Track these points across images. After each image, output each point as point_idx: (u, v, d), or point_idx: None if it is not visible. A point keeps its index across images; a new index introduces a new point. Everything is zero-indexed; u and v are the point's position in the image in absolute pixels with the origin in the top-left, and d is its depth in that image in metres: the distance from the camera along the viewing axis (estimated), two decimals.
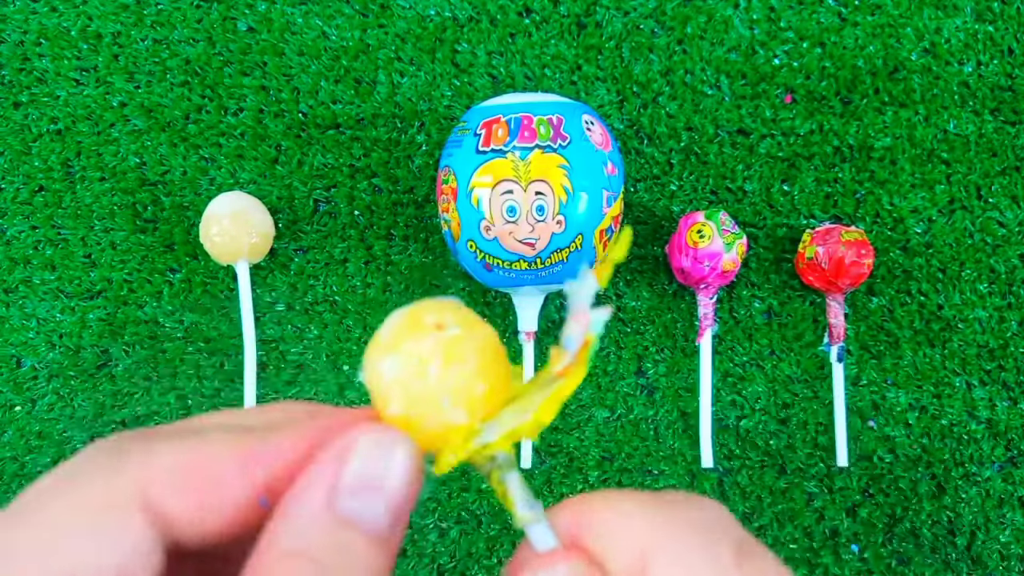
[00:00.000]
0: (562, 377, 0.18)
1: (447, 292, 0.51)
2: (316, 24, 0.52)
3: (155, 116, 0.52)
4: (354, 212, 0.52)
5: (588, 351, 0.18)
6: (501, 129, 0.43)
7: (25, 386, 0.51)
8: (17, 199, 0.52)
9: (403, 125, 0.52)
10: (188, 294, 0.52)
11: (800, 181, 0.51)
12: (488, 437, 0.18)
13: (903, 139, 0.51)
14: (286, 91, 0.52)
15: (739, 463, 0.49)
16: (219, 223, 0.48)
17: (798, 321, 0.50)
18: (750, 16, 0.51)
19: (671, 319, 0.50)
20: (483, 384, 0.18)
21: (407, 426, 0.18)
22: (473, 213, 0.43)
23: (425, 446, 0.18)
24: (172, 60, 0.52)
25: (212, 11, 0.53)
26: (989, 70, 0.51)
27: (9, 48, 0.53)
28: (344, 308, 0.51)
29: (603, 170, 0.44)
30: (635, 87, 0.51)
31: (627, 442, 0.50)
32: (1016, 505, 0.49)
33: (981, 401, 0.49)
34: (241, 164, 0.52)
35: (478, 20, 0.52)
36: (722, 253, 0.46)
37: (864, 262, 0.46)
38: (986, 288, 0.50)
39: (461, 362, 0.17)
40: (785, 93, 0.51)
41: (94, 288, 0.52)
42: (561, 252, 0.43)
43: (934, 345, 0.50)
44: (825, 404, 0.49)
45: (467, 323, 0.18)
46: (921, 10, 0.51)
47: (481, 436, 0.18)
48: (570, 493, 0.50)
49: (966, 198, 0.50)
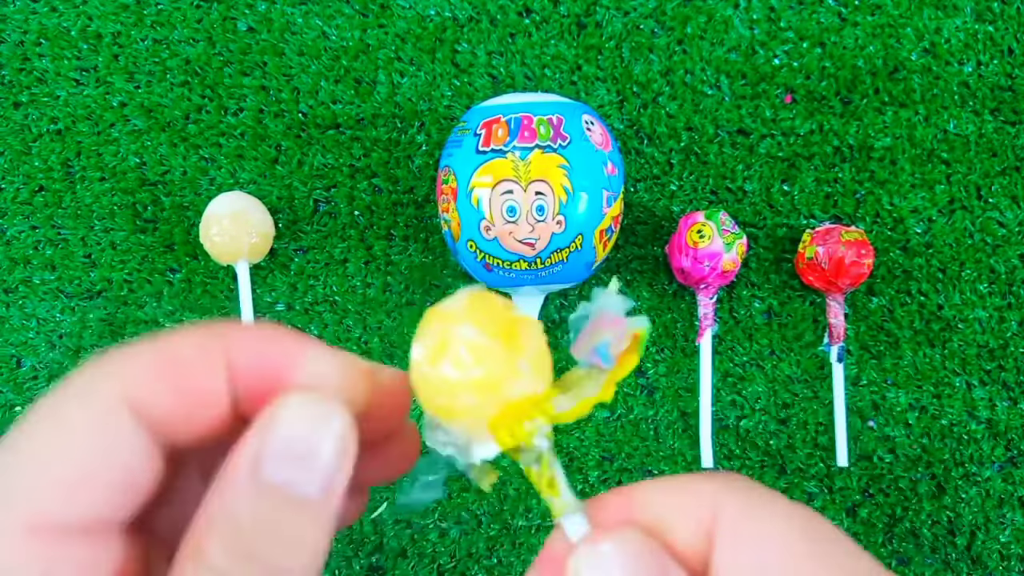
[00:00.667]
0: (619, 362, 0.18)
1: (447, 292, 0.51)
2: (316, 24, 0.52)
3: (155, 116, 0.52)
4: (354, 212, 0.52)
5: (640, 343, 0.18)
6: (501, 129, 0.43)
7: (25, 386, 0.51)
8: (17, 199, 0.52)
9: (403, 125, 0.52)
10: (188, 294, 0.52)
11: (800, 181, 0.51)
12: (562, 407, 0.18)
13: (903, 139, 0.51)
14: (286, 91, 0.52)
15: (739, 463, 0.49)
16: (219, 223, 0.48)
17: (798, 321, 0.50)
18: (750, 16, 0.51)
19: (671, 319, 0.50)
20: (547, 363, 0.19)
21: (484, 392, 0.18)
22: (473, 213, 0.43)
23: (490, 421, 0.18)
24: (172, 60, 0.52)
25: (212, 11, 0.53)
26: (989, 70, 0.51)
27: (9, 48, 0.53)
28: (344, 308, 0.51)
29: (603, 170, 0.44)
30: (635, 87, 0.51)
31: (627, 442, 0.50)
32: (1016, 505, 0.49)
33: (981, 401, 0.49)
34: (241, 164, 0.52)
35: (478, 20, 0.52)
36: (722, 253, 0.46)
37: (864, 262, 0.46)
38: (986, 288, 0.50)
39: (533, 338, 0.18)
40: (785, 93, 0.51)
41: (94, 288, 0.52)
42: (561, 252, 0.43)
43: (934, 345, 0.50)
44: (825, 404, 0.49)
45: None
46: (921, 10, 0.51)
47: (557, 406, 0.18)
48: None
49: (966, 198, 0.50)
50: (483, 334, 0.18)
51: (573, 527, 0.18)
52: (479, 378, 0.18)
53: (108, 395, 0.16)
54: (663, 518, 0.17)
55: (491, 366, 0.18)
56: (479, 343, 0.18)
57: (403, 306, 0.51)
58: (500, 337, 0.18)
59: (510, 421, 0.18)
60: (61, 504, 0.15)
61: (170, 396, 0.17)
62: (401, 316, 0.51)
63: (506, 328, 0.18)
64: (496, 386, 0.18)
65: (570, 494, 0.18)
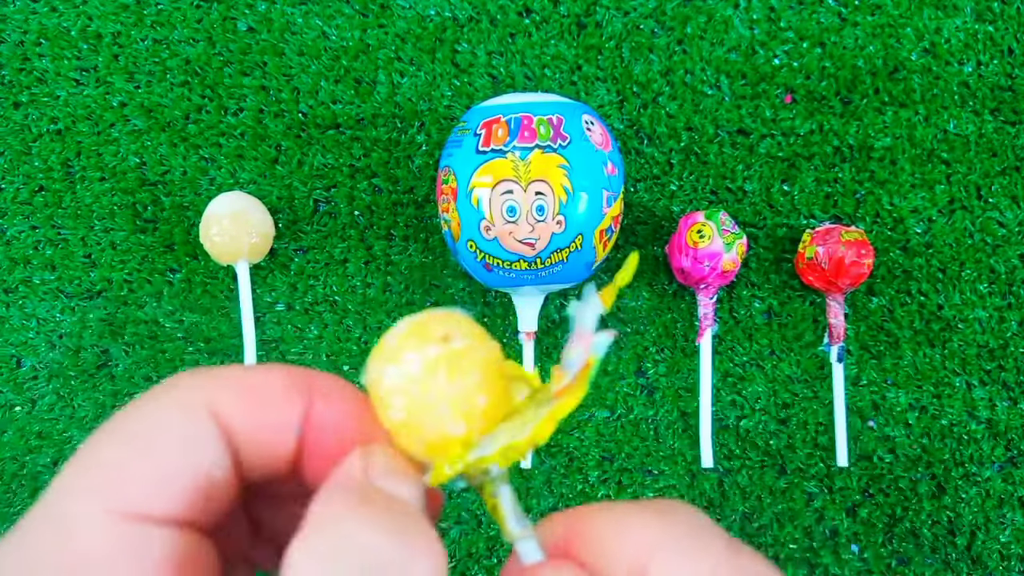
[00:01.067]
0: (561, 397, 0.18)
1: (447, 292, 0.51)
2: (316, 24, 0.52)
3: (155, 116, 0.52)
4: (354, 212, 0.52)
5: (588, 373, 0.18)
6: (501, 129, 0.43)
7: (25, 386, 0.51)
8: (17, 199, 0.52)
9: (403, 125, 0.52)
10: (188, 294, 0.52)
11: (800, 181, 0.51)
12: (485, 451, 0.18)
13: (903, 139, 0.51)
14: (286, 91, 0.52)
15: (739, 463, 0.49)
16: (219, 223, 0.48)
17: (798, 321, 0.50)
18: (750, 16, 0.51)
19: (671, 319, 0.50)
20: (484, 397, 0.18)
21: (406, 433, 0.18)
22: (473, 213, 0.43)
23: (421, 455, 0.18)
24: (172, 60, 0.52)
25: (212, 11, 0.53)
26: (989, 70, 0.51)
27: (9, 48, 0.53)
28: (344, 308, 0.51)
29: (603, 170, 0.44)
30: (635, 87, 0.51)
31: (627, 442, 0.50)
32: (1016, 505, 0.49)
33: (981, 401, 0.49)
34: (241, 164, 0.52)
35: (478, 20, 0.52)
36: (722, 253, 0.46)
37: (864, 262, 0.46)
38: (986, 288, 0.50)
39: (464, 375, 0.18)
40: (785, 93, 0.51)
41: (94, 288, 0.52)
42: (561, 252, 0.43)
43: (934, 345, 0.50)
44: (825, 404, 0.49)
45: (472, 336, 0.18)
46: (921, 10, 0.51)
47: (478, 449, 0.18)
48: (570, 493, 0.50)
49: (966, 198, 0.50)
50: (404, 374, 0.17)
51: (526, 551, 0.18)
52: (399, 421, 0.18)
53: (198, 404, 0.17)
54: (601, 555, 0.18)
55: (409, 409, 0.17)
56: (397, 385, 0.17)
57: (403, 306, 0.51)
58: (423, 377, 0.17)
59: (438, 458, 0.18)
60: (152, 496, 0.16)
61: (250, 419, 0.17)
62: (401, 316, 0.51)
63: (434, 365, 0.17)
64: (414, 429, 0.18)
65: (515, 522, 0.18)
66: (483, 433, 0.18)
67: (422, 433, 0.18)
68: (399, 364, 0.18)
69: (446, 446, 0.18)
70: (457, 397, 0.17)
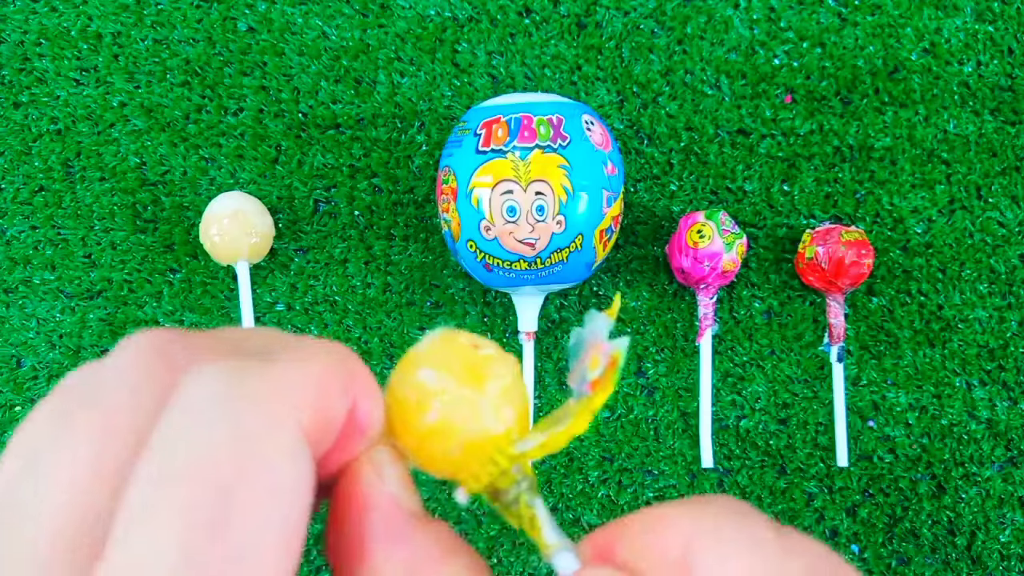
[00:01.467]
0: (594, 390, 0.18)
1: (447, 292, 0.51)
2: (316, 24, 0.52)
3: (155, 116, 0.52)
4: (354, 212, 0.52)
5: (616, 368, 0.18)
6: (501, 129, 0.43)
7: (25, 386, 0.51)
8: (17, 199, 0.52)
9: (403, 125, 0.52)
10: (188, 294, 0.52)
11: (800, 181, 0.51)
12: (525, 446, 0.18)
13: (903, 139, 0.51)
14: (286, 91, 0.52)
15: (739, 463, 0.49)
16: (219, 223, 0.48)
17: (798, 321, 0.50)
18: (750, 16, 0.51)
19: (671, 319, 0.50)
20: (518, 400, 0.18)
21: (440, 438, 0.18)
22: (473, 213, 0.43)
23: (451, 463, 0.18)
24: (172, 60, 0.52)
25: (212, 11, 0.53)
26: (989, 70, 0.51)
27: (9, 48, 0.53)
28: (344, 308, 0.51)
29: (603, 170, 0.44)
30: (635, 87, 0.51)
31: (627, 442, 0.50)
32: (1016, 505, 0.49)
33: (981, 401, 0.49)
34: (241, 164, 0.52)
35: (478, 20, 0.52)
36: (722, 253, 0.46)
37: (864, 262, 0.46)
38: (986, 288, 0.50)
39: (498, 377, 0.18)
40: (785, 93, 0.51)
41: (94, 288, 0.52)
42: (561, 252, 0.43)
43: (934, 345, 0.50)
44: (825, 404, 0.49)
45: (498, 348, 0.19)
46: (921, 10, 0.51)
47: (519, 445, 0.18)
48: (570, 493, 0.50)
49: (966, 198, 0.50)
50: (440, 376, 0.18)
51: (562, 565, 0.18)
52: (434, 423, 0.18)
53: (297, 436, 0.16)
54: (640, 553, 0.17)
55: (447, 409, 0.18)
56: (434, 386, 0.18)
57: (403, 306, 0.51)
58: (459, 378, 0.18)
59: (473, 464, 0.18)
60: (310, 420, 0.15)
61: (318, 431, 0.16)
62: (401, 316, 0.51)
63: (468, 368, 0.18)
64: (452, 429, 0.18)
65: (554, 534, 0.18)
66: (520, 434, 0.18)
67: (459, 434, 0.18)
68: (435, 367, 0.18)
69: (486, 444, 0.18)
70: (495, 396, 0.18)
